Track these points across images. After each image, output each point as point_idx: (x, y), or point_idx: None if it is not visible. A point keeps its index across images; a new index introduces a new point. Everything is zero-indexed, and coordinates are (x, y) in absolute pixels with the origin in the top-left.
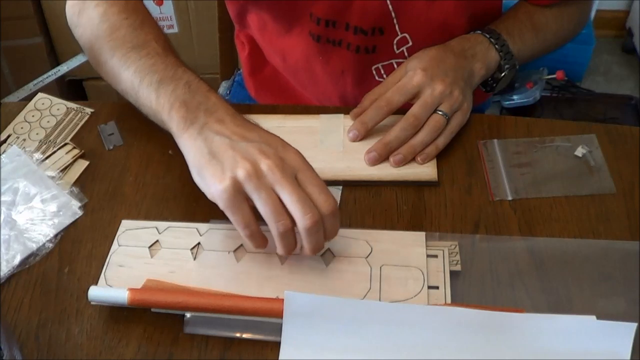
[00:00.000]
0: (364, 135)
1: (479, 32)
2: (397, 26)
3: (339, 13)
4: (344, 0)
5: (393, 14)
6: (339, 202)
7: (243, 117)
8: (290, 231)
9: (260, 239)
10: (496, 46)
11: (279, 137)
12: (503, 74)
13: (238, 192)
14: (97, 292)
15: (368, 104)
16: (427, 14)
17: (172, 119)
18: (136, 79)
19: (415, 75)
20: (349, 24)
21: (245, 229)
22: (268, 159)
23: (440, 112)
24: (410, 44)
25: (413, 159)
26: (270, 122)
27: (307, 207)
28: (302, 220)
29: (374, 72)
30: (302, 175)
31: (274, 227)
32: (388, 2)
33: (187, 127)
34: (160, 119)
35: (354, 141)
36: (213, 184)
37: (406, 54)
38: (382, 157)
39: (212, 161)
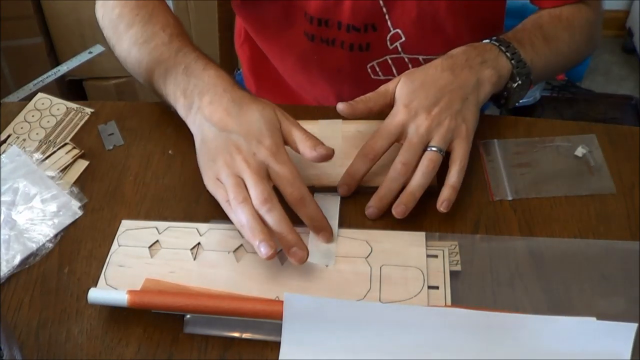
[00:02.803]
0: (355, 187)
1: (486, 40)
2: (389, 22)
3: (331, 11)
4: (335, 0)
5: (384, 10)
6: (338, 208)
7: (232, 92)
8: (246, 202)
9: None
10: (507, 54)
11: (258, 121)
12: (516, 84)
13: (216, 180)
14: (97, 295)
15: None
16: (418, 9)
17: (177, 107)
18: (149, 73)
19: (396, 114)
20: (341, 23)
21: (225, 208)
22: (240, 154)
23: (433, 149)
24: (404, 39)
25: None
26: None
27: (260, 188)
28: (254, 198)
29: (369, 70)
30: (271, 170)
31: (232, 201)
32: None
33: (187, 113)
34: (173, 107)
35: (345, 196)
36: (203, 173)
37: (400, 49)
38: (381, 211)
39: (203, 150)
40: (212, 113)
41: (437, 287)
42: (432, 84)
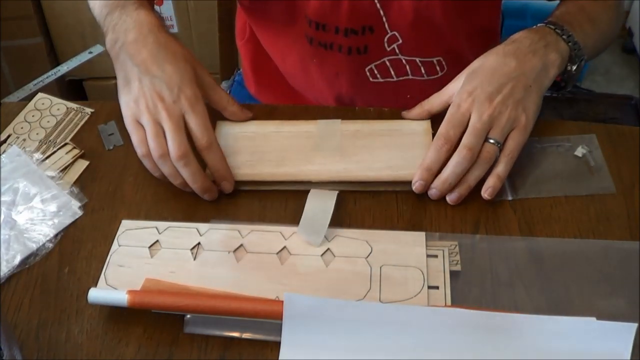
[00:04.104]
0: (431, 181)
1: (541, 25)
2: (386, 24)
3: (329, 16)
4: (332, 1)
5: (381, 12)
6: (333, 206)
7: (157, 33)
8: (165, 157)
9: (151, 162)
10: (563, 37)
11: (181, 70)
12: (575, 66)
13: (136, 121)
14: (97, 295)
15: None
16: (414, 12)
17: (106, 42)
18: (101, 17)
19: (461, 103)
20: (339, 28)
21: (138, 148)
22: (161, 102)
23: (491, 141)
24: (401, 41)
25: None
26: (267, 128)
27: (177, 142)
28: (172, 152)
29: (368, 73)
30: (187, 118)
31: (152, 152)
32: (376, 1)
33: (112, 47)
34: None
35: (421, 192)
36: (123, 110)
37: (397, 51)
38: (443, 194)
39: (125, 89)
40: (135, 52)
41: (437, 287)
42: (494, 71)
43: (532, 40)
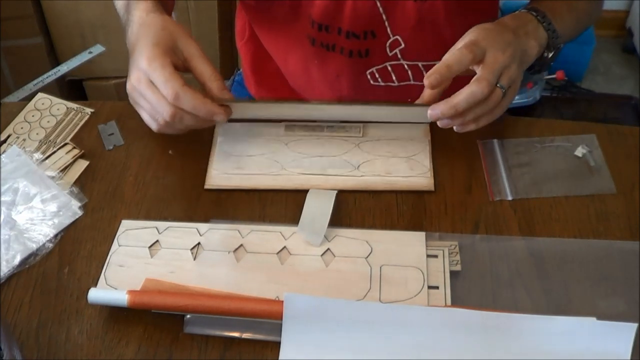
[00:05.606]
0: (446, 80)
1: (524, 10)
2: (388, 28)
3: (332, 17)
4: (335, 2)
5: (384, 17)
6: (332, 206)
7: (146, 17)
8: (169, 124)
9: (166, 129)
10: (544, 24)
11: (149, 37)
12: (551, 54)
13: (137, 104)
14: (97, 295)
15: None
16: (417, 15)
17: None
18: (120, 16)
19: (474, 44)
20: (341, 29)
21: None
22: (138, 72)
23: (498, 85)
24: (403, 45)
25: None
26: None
27: (172, 97)
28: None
29: (369, 76)
30: (150, 78)
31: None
32: (378, 4)
33: (129, 48)
34: None
35: (433, 87)
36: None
37: (399, 55)
38: (442, 117)
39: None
40: (131, 46)
41: (437, 287)
42: (499, 33)
43: (517, 25)
